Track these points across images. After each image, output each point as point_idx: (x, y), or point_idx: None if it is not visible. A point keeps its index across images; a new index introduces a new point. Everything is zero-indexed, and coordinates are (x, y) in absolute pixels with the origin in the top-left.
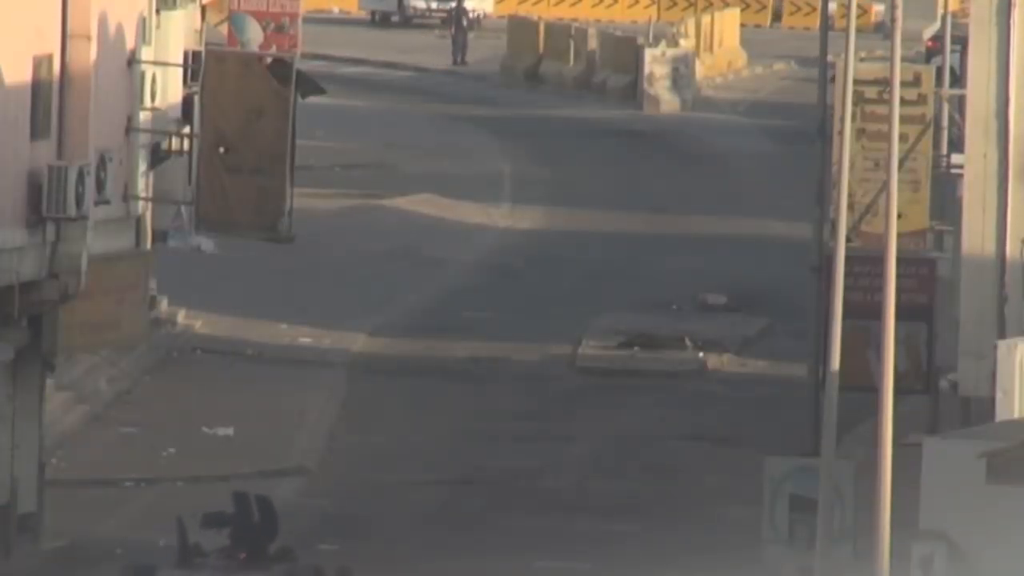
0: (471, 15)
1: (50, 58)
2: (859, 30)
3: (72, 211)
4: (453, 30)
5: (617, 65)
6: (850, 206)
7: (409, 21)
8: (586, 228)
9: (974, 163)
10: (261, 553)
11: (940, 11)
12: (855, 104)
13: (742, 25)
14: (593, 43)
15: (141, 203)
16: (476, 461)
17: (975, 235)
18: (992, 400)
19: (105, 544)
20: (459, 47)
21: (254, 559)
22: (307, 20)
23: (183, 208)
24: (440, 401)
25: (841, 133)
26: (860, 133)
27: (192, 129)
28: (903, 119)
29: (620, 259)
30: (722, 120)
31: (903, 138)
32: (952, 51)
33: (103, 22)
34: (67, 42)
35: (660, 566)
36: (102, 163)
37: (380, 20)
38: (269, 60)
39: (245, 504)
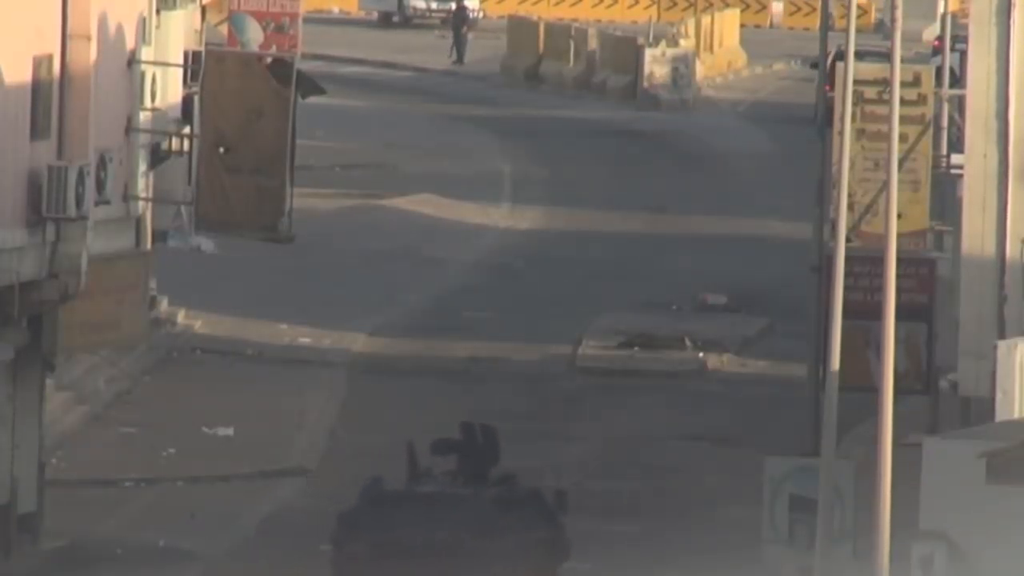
0: (472, 14)
1: (50, 58)
2: (859, 30)
3: (72, 211)
4: (454, 30)
5: (617, 65)
6: (850, 206)
7: (409, 21)
8: (586, 228)
9: (974, 163)
10: (484, 476)
11: (940, 11)
12: (855, 104)
13: (742, 25)
14: (593, 43)
15: (141, 203)
16: None
17: (975, 235)
18: (992, 400)
19: (105, 544)
20: (460, 46)
21: (477, 480)
22: (307, 20)
23: (183, 208)
24: (440, 401)
25: (841, 133)
26: (860, 133)
27: (192, 129)
28: (903, 119)
29: (620, 259)
30: (722, 120)
31: (903, 138)
32: (955, 51)
33: (103, 22)
34: (67, 42)
35: (660, 566)
36: (102, 163)
37: (380, 20)
38: (269, 60)
39: (471, 432)
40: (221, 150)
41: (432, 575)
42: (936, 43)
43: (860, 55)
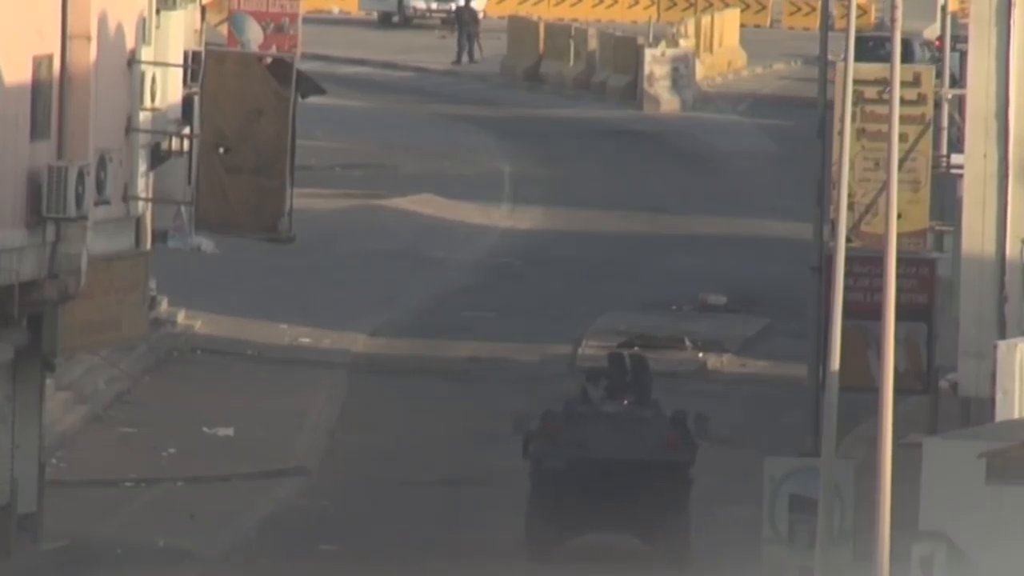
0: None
1: (50, 58)
2: (859, 30)
3: (72, 211)
4: (457, 30)
5: (617, 65)
6: (850, 206)
7: (409, 21)
8: (586, 228)
9: (974, 163)
10: (642, 399)
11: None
12: (855, 104)
13: (742, 25)
14: (593, 43)
15: (141, 203)
16: (476, 461)
17: (975, 235)
18: (992, 400)
19: (105, 544)
20: (463, 46)
21: (638, 402)
22: (307, 20)
23: (183, 208)
24: (440, 401)
25: (841, 133)
26: (860, 133)
27: (192, 129)
28: (903, 119)
29: (620, 259)
30: (722, 120)
31: (903, 138)
32: (955, 51)
33: (103, 22)
34: (67, 42)
35: (660, 566)
36: (102, 163)
37: (380, 20)
38: (269, 60)
39: (620, 362)
40: (221, 150)
41: (624, 488)
42: (937, 43)
43: (878, 41)
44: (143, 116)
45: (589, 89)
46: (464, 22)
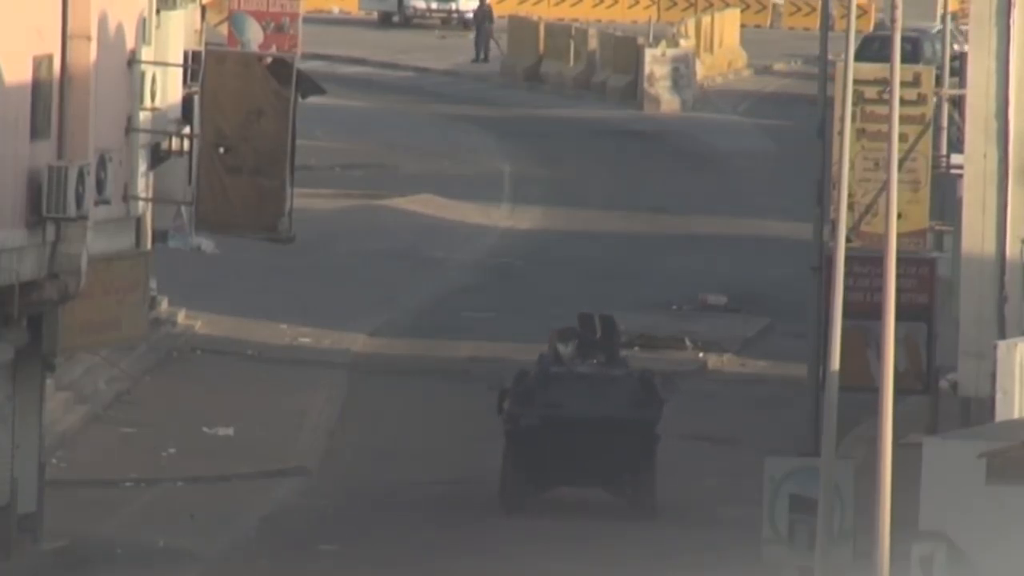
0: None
1: (50, 58)
2: (859, 31)
3: (72, 211)
4: (475, 29)
5: (617, 65)
6: (850, 206)
7: (409, 21)
8: (586, 228)
9: (974, 163)
10: (611, 358)
11: (940, 11)
12: (855, 104)
13: (742, 25)
14: (593, 43)
15: (141, 203)
16: (476, 461)
17: (975, 235)
18: (992, 400)
19: (105, 544)
20: (480, 45)
21: (609, 363)
22: (307, 20)
23: (183, 208)
24: (440, 401)
25: (841, 133)
26: (860, 133)
27: (192, 129)
28: (903, 119)
29: (620, 259)
30: (722, 120)
31: (903, 138)
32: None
33: (103, 22)
34: (67, 42)
35: (660, 566)
36: (102, 163)
37: (380, 20)
38: (269, 60)
39: (589, 322)
40: (221, 150)
41: (596, 445)
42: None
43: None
44: (143, 116)
45: (589, 89)
46: (480, 20)
